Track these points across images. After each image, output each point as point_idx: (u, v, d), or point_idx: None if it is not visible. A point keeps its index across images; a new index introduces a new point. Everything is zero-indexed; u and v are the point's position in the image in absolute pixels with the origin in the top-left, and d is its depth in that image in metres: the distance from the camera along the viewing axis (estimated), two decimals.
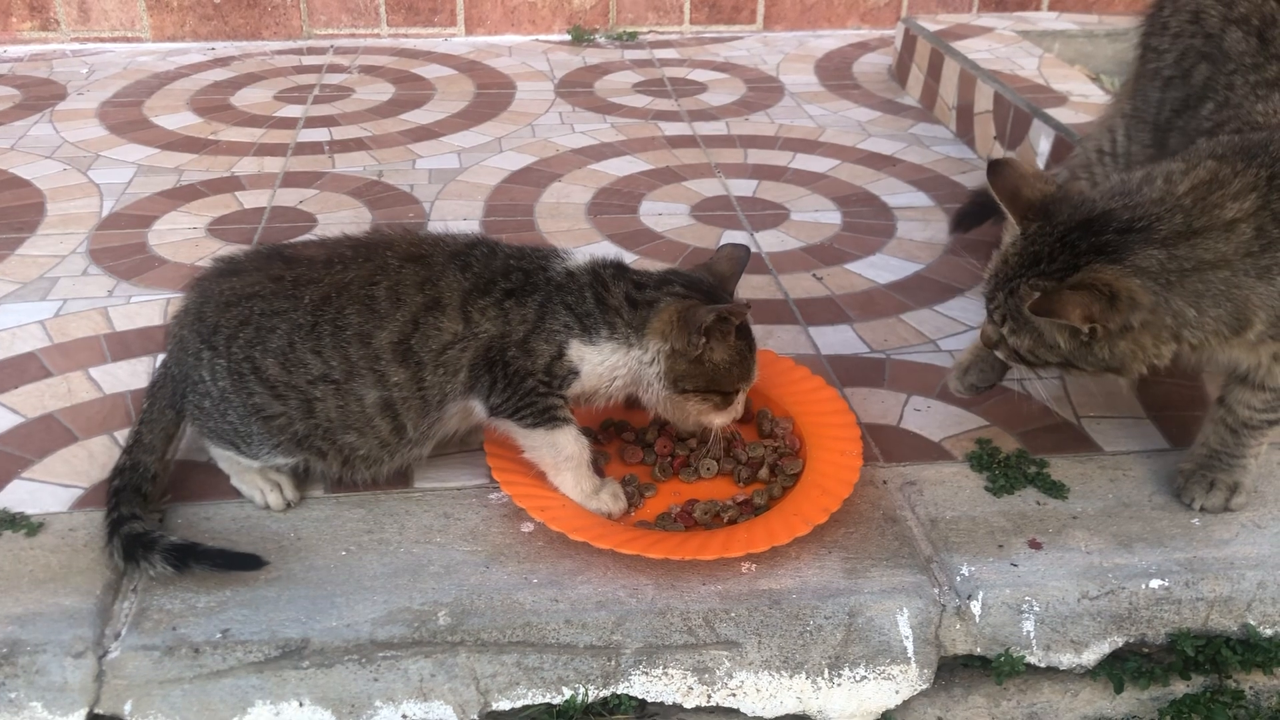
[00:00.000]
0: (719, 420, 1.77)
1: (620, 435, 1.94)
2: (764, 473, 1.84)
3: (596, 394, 1.76)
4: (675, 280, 1.75)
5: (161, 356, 1.84)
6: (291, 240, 1.99)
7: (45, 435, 1.93)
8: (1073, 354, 1.59)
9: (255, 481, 1.77)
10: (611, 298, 1.72)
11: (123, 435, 1.88)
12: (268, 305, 1.69)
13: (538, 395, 1.70)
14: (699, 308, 1.67)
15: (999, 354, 1.71)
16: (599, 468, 1.82)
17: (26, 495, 1.79)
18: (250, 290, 1.71)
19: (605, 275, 1.74)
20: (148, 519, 1.67)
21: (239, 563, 1.63)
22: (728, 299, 1.77)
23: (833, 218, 2.86)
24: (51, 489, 1.79)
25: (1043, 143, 2.93)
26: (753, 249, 2.67)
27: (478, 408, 1.72)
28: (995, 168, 1.68)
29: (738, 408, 1.78)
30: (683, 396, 1.73)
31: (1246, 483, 1.81)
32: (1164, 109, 1.97)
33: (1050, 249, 1.57)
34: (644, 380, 1.73)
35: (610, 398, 1.77)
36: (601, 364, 1.71)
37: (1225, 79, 1.84)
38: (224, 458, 1.79)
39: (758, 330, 2.29)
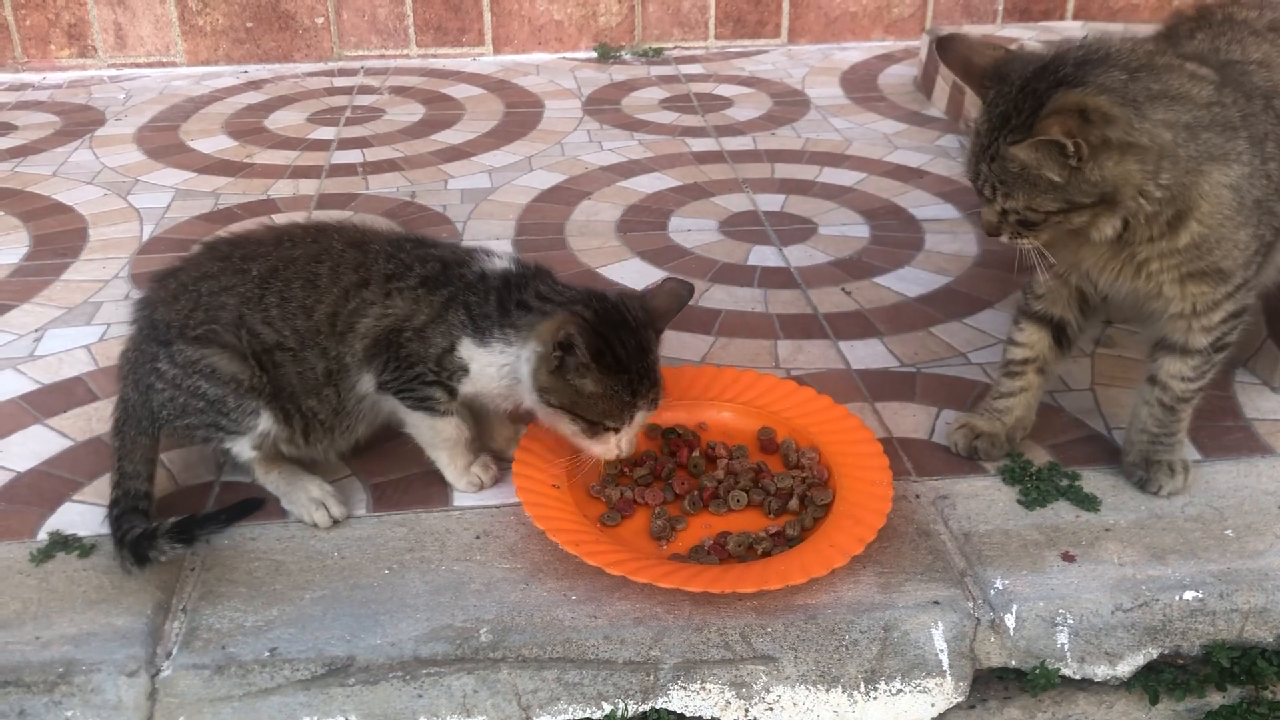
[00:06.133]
0: (595, 449, 1.76)
1: (633, 471, 1.93)
2: (794, 503, 1.84)
3: (491, 395, 1.82)
4: (591, 304, 1.73)
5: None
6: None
7: (94, 458, 1.97)
8: (1069, 189, 1.59)
9: (302, 500, 1.81)
10: (510, 300, 1.76)
11: (168, 457, 1.93)
12: (216, 283, 1.78)
13: (423, 383, 1.78)
14: (574, 322, 1.66)
15: (1004, 238, 1.72)
16: (628, 501, 1.86)
17: (78, 517, 1.83)
18: (197, 275, 1.80)
19: (514, 280, 1.78)
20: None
21: (239, 512, 1.72)
22: (648, 337, 1.74)
23: (861, 231, 2.88)
24: (102, 511, 1.83)
25: None
26: (782, 264, 2.70)
27: (368, 381, 1.80)
28: (944, 43, 1.74)
29: (615, 446, 1.75)
30: (550, 409, 1.74)
31: (1187, 457, 1.90)
32: None
33: (1015, 104, 1.61)
34: (522, 381, 1.76)
35: (507, 399, 1.82)
36: (490, 364, 1.77)
37: None
38: (269, 482, 1.85)
39: (788, 345, 2.33)
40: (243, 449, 1.82)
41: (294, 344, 1.77)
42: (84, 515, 1.84)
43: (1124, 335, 2.34)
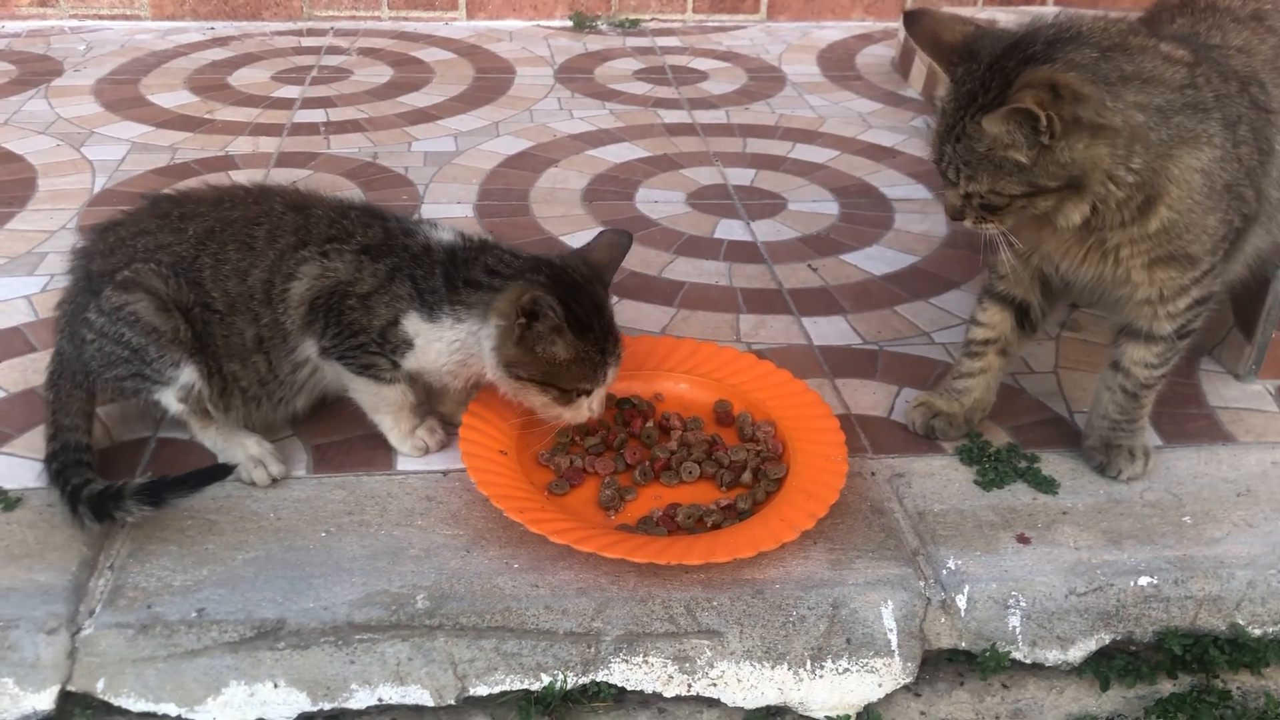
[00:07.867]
0: (566, 415, 1.74)
1: (585, 440, 1.88)
2: (747, 476, 1.80)
3: (437, 371, 1.77)
4: (541, 270, 1.71)
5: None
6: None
7: (26, 410, 1.91)
8: (1035, 171, 1.55)
9: (239, 458, 1.76)
10: (458, 277, 1.71)
11: (104, 412, 1.87)
12: (153, 240, 1.74)
13: (366, 352, 1.74)
14: (535, 288, 1.62)
15: (968, 222, 1.68)
16: (578, 470, 1.81)
17: (5, 470, 1.77)
18: (135, 230, 1.77)
19: (461, 254, 1.73)
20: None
21: (210, 476, 1.65)
22: (600, 292, 1.73)
23: (830, 208, 2.84)
24: (31, 464, 1.77)
25: None
26: (749, 238, 2.65)
27: (310, 347, 1.75)
28: (912, 17, 1.70)
29: (587, 408, 1.74)
30: (519, 383, 1.71)
31: (1148, 443, 1.88)
32: None
33: (982, 82, 1.56)
34: (482, 358, 1.72)
35: (456, 377, 1.77)
36: (439, 339, 1.72)
37: None
38: (207, 438, 1.80)
39: (750, 319, 2.29)
40: (170, 401, 1.76)
41: (222, 307, 1.72)
42: (11, 468, 1.77)
43: (1089, 319, 2.31)
